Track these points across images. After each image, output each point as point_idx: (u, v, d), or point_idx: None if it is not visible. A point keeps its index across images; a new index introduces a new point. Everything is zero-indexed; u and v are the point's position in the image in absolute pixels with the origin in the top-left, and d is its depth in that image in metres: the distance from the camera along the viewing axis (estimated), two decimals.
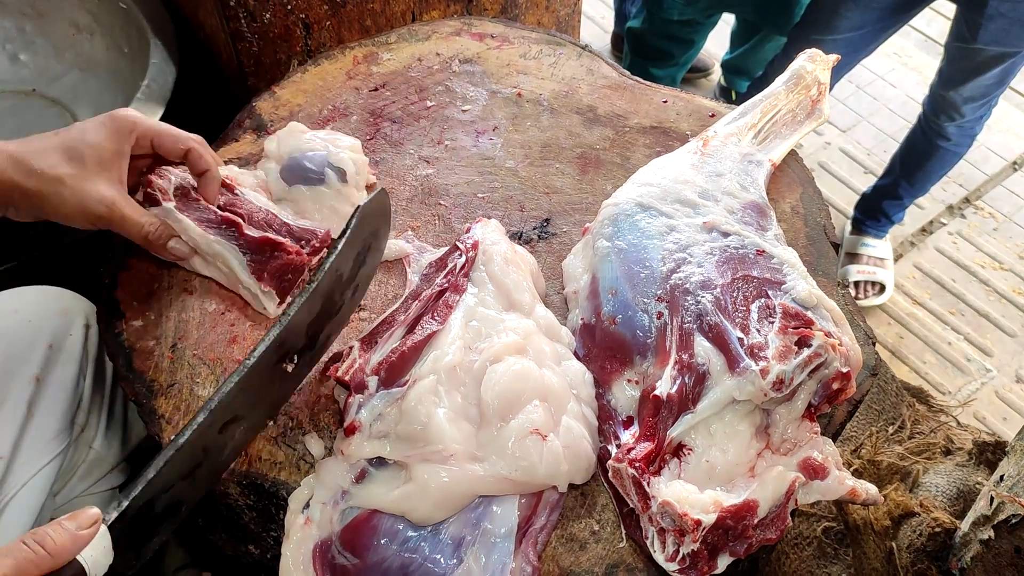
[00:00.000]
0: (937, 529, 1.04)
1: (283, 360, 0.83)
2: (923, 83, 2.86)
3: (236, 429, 0.80)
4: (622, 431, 0.86)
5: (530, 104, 1.23)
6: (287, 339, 0.81)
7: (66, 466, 1.06)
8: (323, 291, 0.83)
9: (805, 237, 1.05)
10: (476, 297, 0.91)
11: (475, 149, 1.17)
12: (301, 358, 0.85)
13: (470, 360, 0.85)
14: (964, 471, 1.14)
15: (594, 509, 0.85)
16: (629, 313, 0.91)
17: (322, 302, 0.84)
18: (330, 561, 0.79)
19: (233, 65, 1.49)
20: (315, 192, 1.03)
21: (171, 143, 0.93)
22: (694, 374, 0.83)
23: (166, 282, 1.01)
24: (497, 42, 1.32)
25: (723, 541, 0.77)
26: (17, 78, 1.69)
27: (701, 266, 0.91)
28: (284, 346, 0.81)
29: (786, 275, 0.90)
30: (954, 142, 2.11)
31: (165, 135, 0.92)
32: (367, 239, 0.89)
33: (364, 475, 0.81)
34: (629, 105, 1.23)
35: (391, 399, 0.82)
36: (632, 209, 0.98)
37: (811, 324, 0.84)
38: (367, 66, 1.28)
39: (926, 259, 2.45)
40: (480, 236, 0.96)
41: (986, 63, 1.88)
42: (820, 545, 1.17)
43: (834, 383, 0.83)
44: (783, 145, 1.10)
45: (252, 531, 0.91)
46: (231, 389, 0.76)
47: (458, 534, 0.79)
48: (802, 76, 1.14)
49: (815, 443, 0.83)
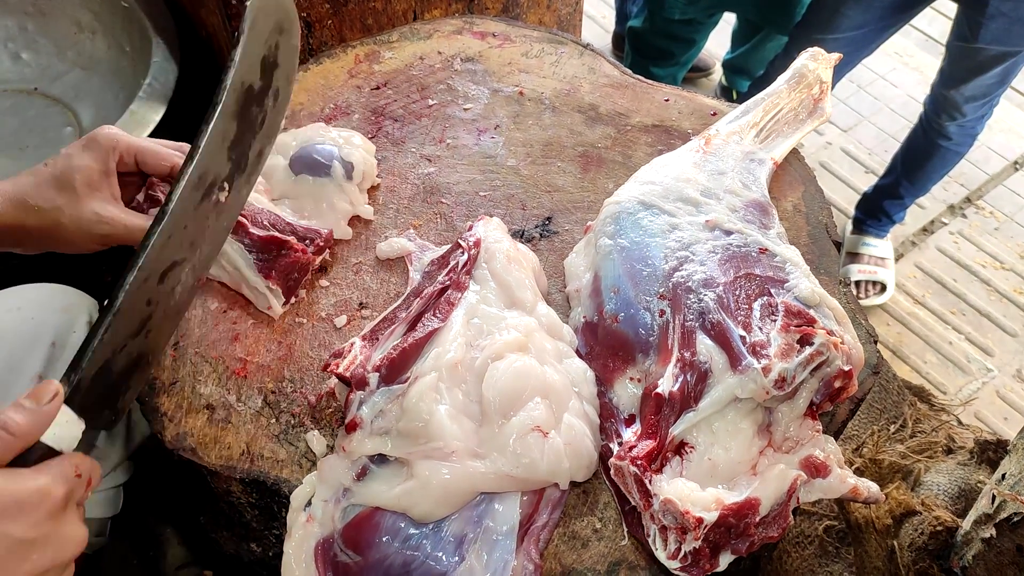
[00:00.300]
0: (939, 528, 1.03)
1: (212, 192, 0.81)
2: (924, 82, 2.86)
3: (180, 273, 0.79)
4: (624, 429, 0.86)
5: (532, 103, 1.23)
6: (206, 171, 0.79)
7: None
8: (232, 110, 0.80)
9: (807, 235, 1.05)
10: (478, 295, 0.91)
11: (477, 147, 1.17)
12: (234, 183, 0.83)
13: (471, 357, 0.85)
14: (966, 470, 1.14)
15: (596, 507, 0.85)
16: (631, 311, 0.91)
17: (237, 121, 0.82)
18: (332, 559, 0.79)
19: None
20: (318, 184, 1.03)
21: (154, 160, 0.92)
22: (696, 372, 0.83)
23: None
24: (499, 41, 1.32)
25: (725, 539, 0.77)
26: (19, 77, 1.69)
27: (703, 264, 0.91)
28: (206, 178, 0.79)
29: (789, 273, 0.90)
30: (955, 142, 2.10)
31: (147, 152, 0.92)
32: (269, 39, 0.85)
33: (365, 472, 0.81)
34: (631, 104, 1.23)
35: (392, 396, 0.82)
36: (634, 207, 0.98)
37: (813, 322, 0.84)
38: (369, 65, 1.28)
39: (927, 259, 2.44)
40: (482, 234, 0.96)
41: (987, 62, 1.88)
42: (822, 543, 1.17)
43: (836, 381, 0.83)
44: (785, 144, 1.10)
45: (254, 529, 0.92)
46: (154, 242, 0.74)
47: (460, 532, 0.79)
48: (804, 75, 1.14)
49: (817, 441, 0.83)
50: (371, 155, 1.09)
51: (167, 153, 0.93)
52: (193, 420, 0.89)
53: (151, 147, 0.92)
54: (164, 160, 0.93)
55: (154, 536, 1.33)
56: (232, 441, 0.88)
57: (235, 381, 0.92)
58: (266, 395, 0.91)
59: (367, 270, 1.03)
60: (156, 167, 0.92)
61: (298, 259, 0.96)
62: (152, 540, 1.33)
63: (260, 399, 0.91)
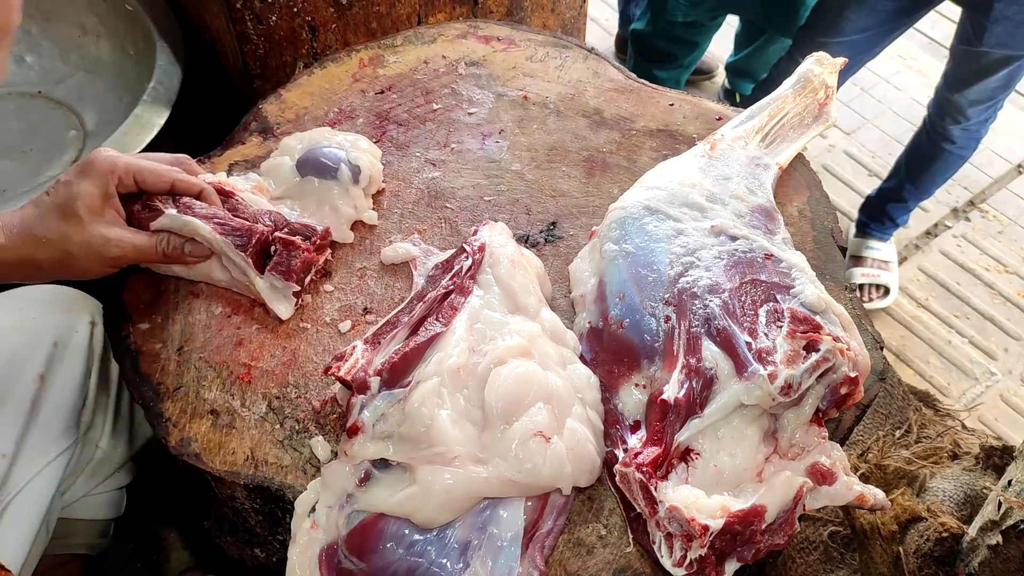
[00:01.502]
0: (944, 534, 1.03)
1: None
2: (928, 86, 2.86)
3: None
4: (629, 435, 0.85)
5: (536, 107, 1.23)
6: None
7: (73, 465, 1.06)
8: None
9: (812, 241, 1.05)
10: (482, 299, 0.91)
11: (481, 152, 1.17)
12: None
13: (474, 362, 0.85)
14: (971, 476, 1.13)
15: (601, 514, 0.84)
16: (636, 317, 0.91)
17: None
18: (336, 565, 0.79)
19: (239, 68, 1.49)
20: (324, 187, 1.03)
21: (153, 179, 0.93)
22: (702, 378, 0.83)
23: (173, 285, 1.00)
24: (503, 44, 1.32)
25: (731, 546, 0.76)
26: (23, 80, 1.69)
27: (709, 270, 0.91)
28: None
29: (794, 279, 0.89)
30: (959, 145, 2.10)
31: (146, 172, 0.92)
32: None
33: (368, 478, 0.81)
34: (635, 108, 1.22)
35: (394, 400, 0.82)
36: (639, 212, 0.98)
37: (819, 329, 0.83)
38: (373, 69, 1.28)
39: (930, 262, 2.44)
40: (487, 239, 0.96)
41: (991, 66, 1.88)
42: (826, 550, 1.17)
43: (842, 388, 0.82)
44: (790, 148, 1.10)
45: (258, 535, 0.91)
46: None
47: (464, 538, 0.79)
48: (809, 79, 1.14)
49: (823, 448, 0.83)
50: (377, 160, 1.09)
51: (165, 170, 0.93)
52: (197, 425, 0.89)
53: (149, 166, 0.93)
54: (163, 178, 0.93)
55: (157, 540, 1.33)
56: (236, 447, 0.88)
57: (239, 386, 0.92)
58: (270, 400, 0.91)
59: (371, 275, 1.03)
60: (156, 185, 0.93)
61: (305, 259, 0.96)
62: (155, 544, 1.33)
63: (264, 404, 0.91)
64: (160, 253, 0.92)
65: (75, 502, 1.13)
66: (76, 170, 0.89)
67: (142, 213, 0.93)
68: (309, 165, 1.04)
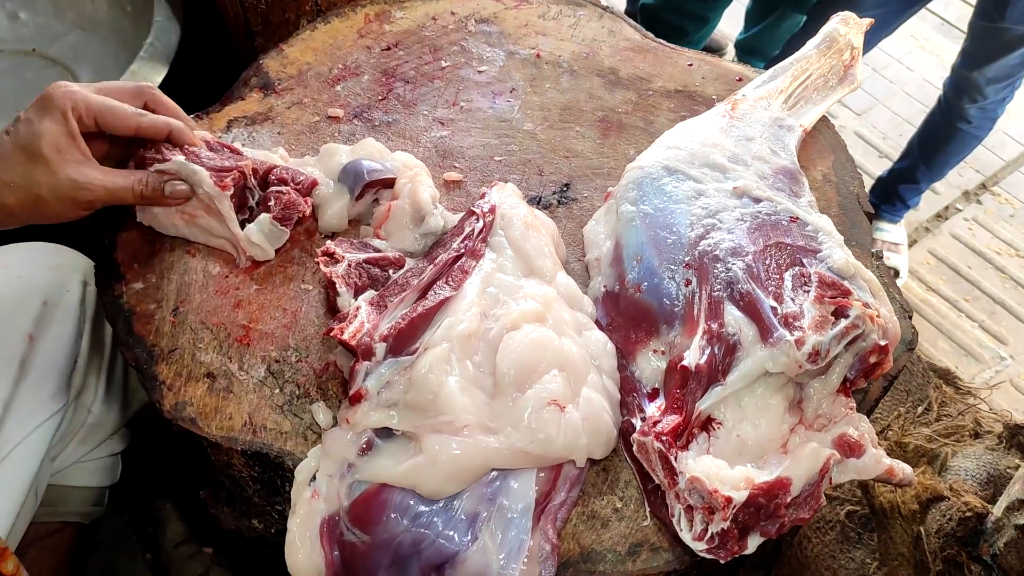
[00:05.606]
0: (968, 514, 1.00)
1: None
2: (940, 66, 2.81)
3: None
4: (647, 404, 0.82)
5: (549, 66, 1.18)
6: None
7: (64, 429, 1.02)
8: None
9: (837, 206, 1.01)
10: (494, 263, 0.87)
11: (492, 111, 1.12)
12: None
13: (486, 328, 0.81)
14: (994, 455, 1.10)
15: (617, 485, 0.81)
16: (655, 280, 0.86)
17: None
18: (338, 537, 0.75)
19: (240, 24, 1.44)
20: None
21: (114, 122, 0.86)
22: (724, 344, 0.79)
23: (168, 243, 0.96)
24: (515, 2, 1.27)
25: (754, 520, 0.73)
26: (16, 37, 1.64)
27: (731, 232, 0.86)
28: None
29: (822, 243, 0.85)
30: (975, 125, 2.06)
31: (107, 114, 0.85)
32: None
33: (371, 447, 0.77)
34: (652, 68, 1.18)
35: (400, 368, 0.78)
36: (658, 172, 0.94)
37: (848, 294, 0.79)
38: (379, 24, 1.23)
39: (941, 245, 2.40)
40: (497, 200, 0.91)
41: (1012, 42, 1.84)
42: (843, 529, 1.13)
43: (871, 357, 0.78)
44: (815, 111, 1.05)
45: (256, 504, 0.88)
46: None
47: (473, 510, 0.75)
48: (835, 39, 1.10)
49: (850, 419, 0.79)
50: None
51: (128, 114, 0.87)
52: (193, 389, 0.85)
53: (111, 107, 0.85)
54: (126, 122, 0.86)
55: (153, 511, 1.30)
56: (234, 411, 0.84)
57: (237, 349, 0.88)
58: (269, 364, 0.87)
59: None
60: (118, 130, 0.86)
61: (289, 200, 0.93)
62: (151, 515, 1.30)
63: (263, 368, 0.87)
64: (138, 195, 0.87)
65: (67, 468, 1.09)
66: (33, 108, 0.83)
67: (155, 157, 0.89)
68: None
